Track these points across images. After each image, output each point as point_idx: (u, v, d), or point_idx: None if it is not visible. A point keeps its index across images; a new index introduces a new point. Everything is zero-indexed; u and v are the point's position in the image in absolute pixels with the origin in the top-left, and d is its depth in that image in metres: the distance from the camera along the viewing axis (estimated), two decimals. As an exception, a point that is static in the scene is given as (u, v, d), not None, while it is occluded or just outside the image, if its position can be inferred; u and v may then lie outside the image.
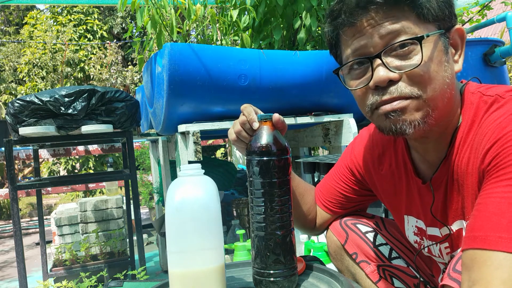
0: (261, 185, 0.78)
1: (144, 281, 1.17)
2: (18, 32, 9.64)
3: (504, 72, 2.33)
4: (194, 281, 0.75)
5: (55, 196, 7.72)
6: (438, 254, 0.87)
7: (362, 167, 0.99)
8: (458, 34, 0.74)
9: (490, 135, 0.65)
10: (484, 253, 0.56)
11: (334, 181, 1.06)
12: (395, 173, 0.90)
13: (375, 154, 0.95)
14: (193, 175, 0.79)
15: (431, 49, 0.69)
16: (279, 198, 0.78)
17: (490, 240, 0.56)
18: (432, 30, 0.70)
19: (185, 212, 0.76)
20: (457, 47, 0.75)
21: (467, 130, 0.73)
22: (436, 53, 0.70)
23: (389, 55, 0.70)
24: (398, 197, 0.92)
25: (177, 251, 0.77)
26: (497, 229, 0.56)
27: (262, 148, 0.78)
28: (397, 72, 0.69)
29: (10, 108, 1.89)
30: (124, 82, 7.95)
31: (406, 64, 0.69)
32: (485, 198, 0.61)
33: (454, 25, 0.73)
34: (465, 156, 0.72)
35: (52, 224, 3.01)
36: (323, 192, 1.08)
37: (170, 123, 1.88)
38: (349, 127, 1.99)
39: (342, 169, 1.05)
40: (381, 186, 0.96)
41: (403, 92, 0.69)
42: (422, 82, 0.69)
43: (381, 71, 0.70)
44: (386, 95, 0.71)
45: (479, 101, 0.72)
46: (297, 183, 1.03)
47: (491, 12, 3.24)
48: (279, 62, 1.87)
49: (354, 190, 1.03)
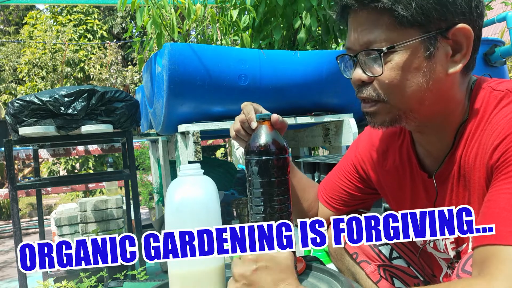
0: (260, 184, 0.78)
1: (144, 281, 1.17)
2: (18, 32, 9.64)
3: (504, 72, 2.33)
4: (194, 281, 0.75)
5: (55, 196, 7.72)
6: (443, 249, 0.87)
7: (367, 164, 0.99)
8: (463, 33, 0.69)
9: (500, 131, 0.64)
10: (494, 248, 0.56)
11: (338, 178, 1.05)
12: (399, 168, 0.90)
13: (380, 151, 0.95)
14: (193, 175, 0.79)
15: (404, 57, 0.69)
16: (278, 197, 0.78)
17: (501, 235, 0.56)
18: (413, 35, 0.68)
19: (185, 212, 0.76)
20: (460, 47, 0.71)
21: (475, 125, 0.72)
22: (410, 60, 0.69)
23: (366, 58, 0.72)
24: (403, 193, 0.92)
25: (177, 251, 0.77)
26: (508, 224, 0.56)
27: (261, 147, 0.78)
28: (368, 76, 0.72)
29: (10, 108, 1.88)
30: (124, 82, 7.95)
31: (375, 71, 0.72)
32: (494, 195, 0.61)
33: (455, 24, 0.69)
34: (473, 151, 0.71)
35: (52, 224, 3.01)
36: (326, 189, 1.07)
37: (170, 123, 1.88)
38: (349, 127, 1.99)
39: (346, 166, 1.04)
40: (386, 182, 0.95)
41: (370, 95, 0.74)
42: (389, 89, 0.71)
43: (356, 72, 0.74)
44: (359, 93, 0.76)
45: (489, 95, 0.72)
46: (299, 179, 1.02)
47: (491, 12, 3.24)
48: (279, 62, 1.87)
49: (357, 187, 1.02)
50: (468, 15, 0.69)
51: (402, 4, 0.66)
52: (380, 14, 0.68)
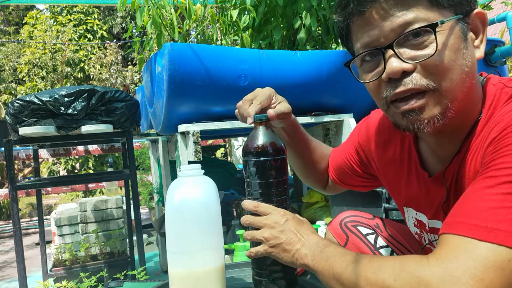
0: (258, 185, 0.78)
1: (144, 281, 1.17)
2: (18, 32, 9.63)
3: (504, 72, 2.33)
4: (194, 281, 0.75)
5: (55, 196, 7.72)
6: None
7: (367, 150, 0.98)
8: (479, 18, 0.69)
9: (500, 125, 0.62)
10: (454, 237, 0.56)
11: (342, 155, 1.06)
12: (398, 161, 0.88)
13: (381, 140, 0.93)
14: (193, 175, 0.79)
15: (447, 37, 0.65)
16: (276, 198, 0.79)
17: (463, 226, 0.56)
18: (448, 16, 0.65)
19: (185, 212, 0.76)
20: (477, 32, 0.70)
21: (484, 123, 0.69)
22: (453, 40, 0.65)
23: (401, 45, 0.66)
24: (398, 187, 0.90)
25: (177, 251, 0.77)
26: (473, 217, 0.55)
27: (258, 148, 0.78)
28: (411, 63, 0.65)
29: (10, 108, 1.88)
30: (124, 82, 7.95)
31: (420, 54, 0.65)
32: (473, 186, 0.60)
33: (473, 8, 0.68)
34: (477, 150, 0.69)
35: (52, 224, 3.01)
36: (333, 159, 1.09)
37: (170, 123, 1.88)
38: (349, 127, 1.99)
39: (349, 147, 1.04)
40: (384, 173, 0.94)
41: (418, 84, 0.65)
42: (438, 72, 0.65)
43: (394, 62, 0.66)
44: (400, 87, 0.67)
45: (500, 92, 0.69)
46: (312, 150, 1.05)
47: (491, 12, 3.24)
48: (279, 62, 1.87)
49: (356, 171, 1.03)
50: (474, 1, 0.68)
51: None
52: None
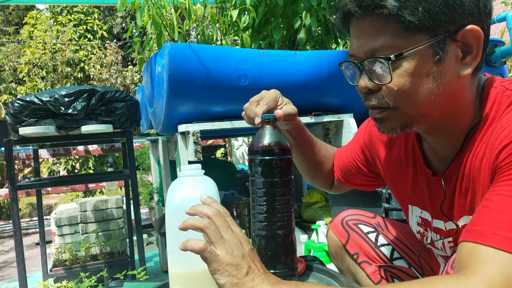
0: (263, 184, 0.79)
1: (144, 281, 1.17)
2: (18, 32, 9.63)
3: (504, 72, 2.32)
4: (194, 281, 0.75)
5: (55, 196, 7.72)
6: (441, 247, 0.87)
7: (372, 149, 0.99)
8: (473, 35, 0.66)
9: (509, 131, 0.62)
10: (476, 247, 0.56)
11: (348, 154, 1.06)
12: (403, 161, 0.90)
13: (386, 139, 0.94)
14: (193, 175, 0.79)
15: (412, 63, 0.66)
16: (281, 197, 0.79)
17: (485, 236, 0.56)
18: (421, 40, 0.65)
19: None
20: (470, 49, 0.68)
21: (486, 125, 0.70)
22: (420, 66, 0.66)
23: (373, 65, 0.70)
24: (404, 186, 0.91)
25: (177, 251, 0.76)
26: (495, 226, 0.56)
27: (265, 147, 0.79)
28: (376, 83, 0.70)
29: (10, 108, 1.88)
30: (124, 82, 7.95)
31: (382, 78, 0.69)
32: (492, 195, 0.61)
33: (465, 25, 0.66)
34: (481, 152, 0.70)
35: (52, 224, 3.01)
36: (338, 159, 1.10)
37: (170, 123, 1.88)
38: (349, 127, 1.99)
39: (355, 147, 1.05)
40: (389, 172, 0.95)
41: (379, 102, 0.71)
42: (398, 96, 0.69)
43: (361, 80, 0.72)
44: (367, 101, 0.74)
45: (501, 95, 0.69)
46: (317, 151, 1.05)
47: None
48: (279, 62, 1.87)
49: (361, 170, 1.03)
50: (477, 15, 0.66)
51: (409, 9, 0.63)
52: (385, 20, 0.66)
